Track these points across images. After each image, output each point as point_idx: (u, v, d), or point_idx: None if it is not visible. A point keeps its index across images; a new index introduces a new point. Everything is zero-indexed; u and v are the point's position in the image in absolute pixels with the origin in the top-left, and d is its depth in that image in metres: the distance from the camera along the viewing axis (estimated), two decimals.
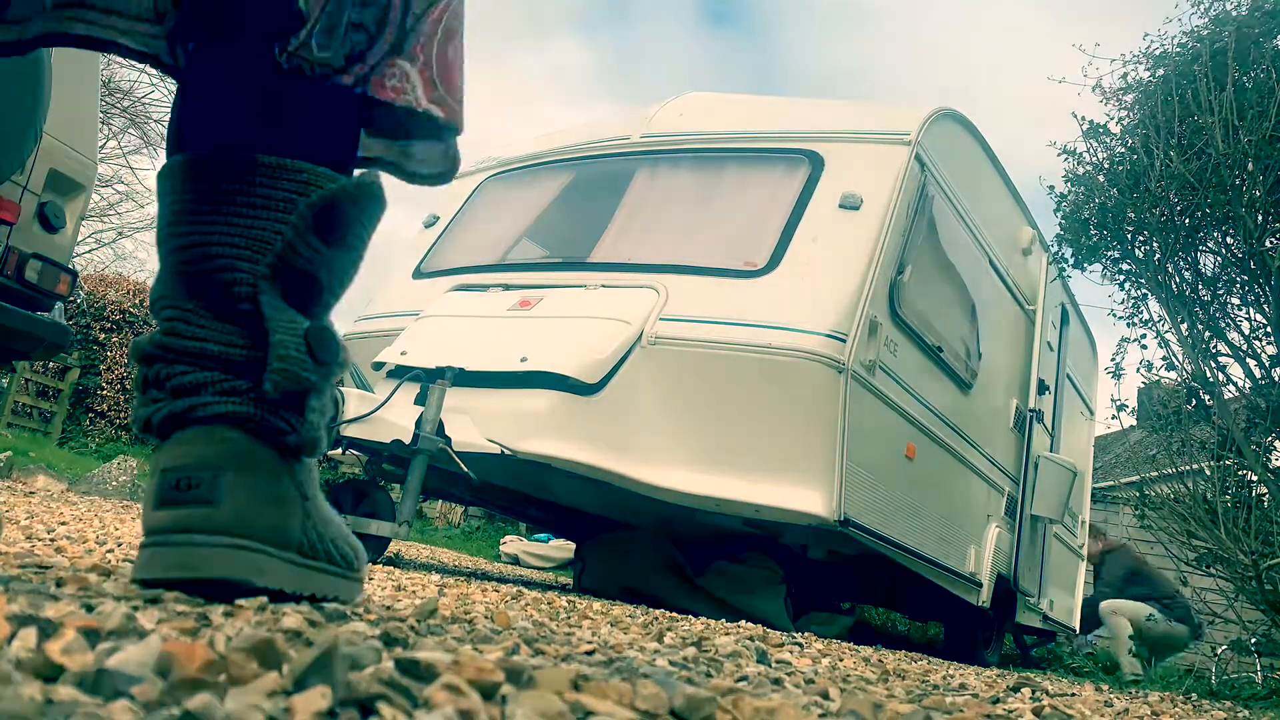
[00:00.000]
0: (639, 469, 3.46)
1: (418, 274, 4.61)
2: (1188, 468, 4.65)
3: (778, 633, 2.72)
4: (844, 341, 3.42)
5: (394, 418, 3.36)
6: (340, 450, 3.45)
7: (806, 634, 3.30)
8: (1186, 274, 4.37)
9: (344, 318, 4.44)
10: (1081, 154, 4.64)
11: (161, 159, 3.80)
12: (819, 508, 3.36)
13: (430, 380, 3.43)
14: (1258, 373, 4.28)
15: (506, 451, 3.36)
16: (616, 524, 4.44)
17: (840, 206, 3.72)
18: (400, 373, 3.73)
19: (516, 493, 4.27)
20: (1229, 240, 4.25)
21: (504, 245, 4.49)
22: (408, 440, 3.31)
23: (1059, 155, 4.73)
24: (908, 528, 3.97)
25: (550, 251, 4.35)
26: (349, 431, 3.26)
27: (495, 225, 4.66)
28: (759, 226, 3.82)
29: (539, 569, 8.21)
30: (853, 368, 3.42)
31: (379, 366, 3.90)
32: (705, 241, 3.76)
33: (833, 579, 4.77)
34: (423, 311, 4.14)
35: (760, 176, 4.08)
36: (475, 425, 3.47)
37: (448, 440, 3.37)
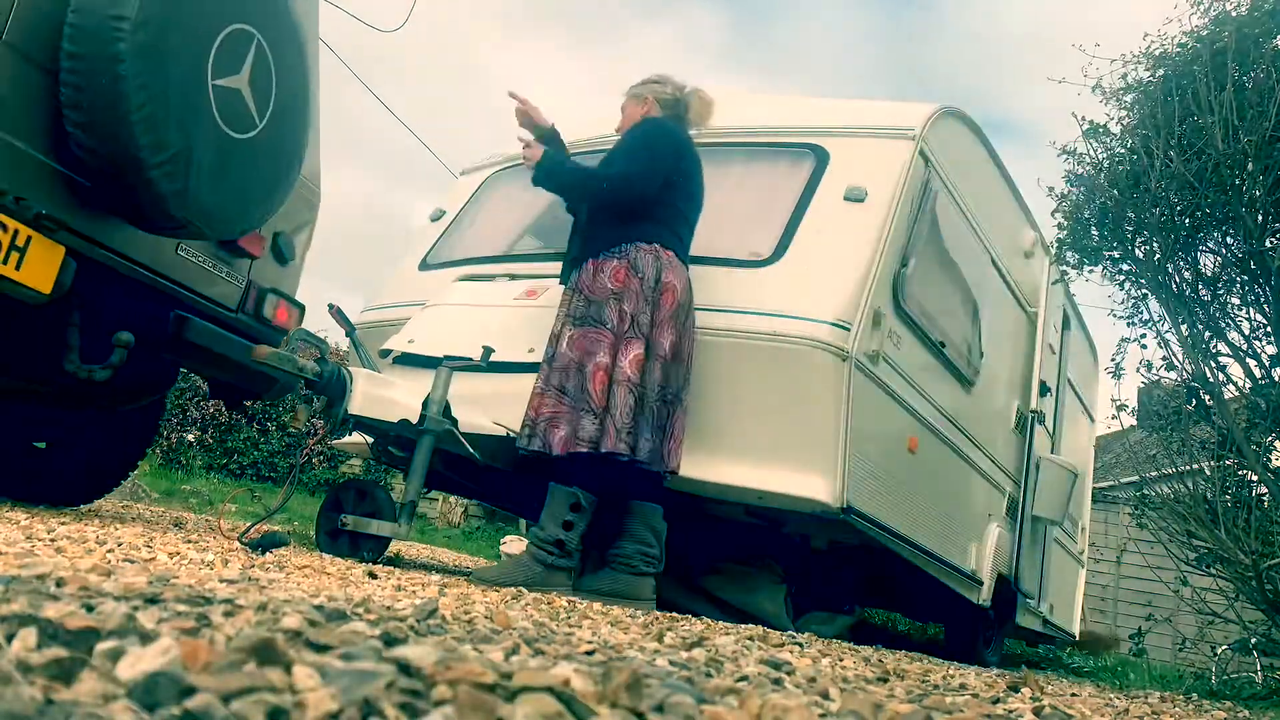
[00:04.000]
0: None
1: (424, 266, 4.63)
2: (1188, 468, 4.65)
3: (778, 633, 2.72)
4: (848, 330, 3.43)
5: (401, 398, 3.39)
6: (350, 428, 3.47)
7: (806, 634, 3.30)
8: (1186, 274, 4.37)
9: (353, 308, 4.45)
10: (1082, 154, 4.64)
11: None
12: (822, 494, 3.37)
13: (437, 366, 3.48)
14: (1258, 373, 4.28)
15: (512, 434, 3.39)
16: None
17: (845, 199, 3.73)
18: (407, 360, 3.78)
19: (519, 481, 4.27)
20: (1229, 240, 4.25)
21: (510, 237, 4.51)
22: (415, 420, 3.33)
23: (1059, 155, 4.72)
24: (909, 520, 3.97)
25: (556, 243, 4.35)
26: (355, 409, 3.28)
27: (501, 218, 4.67)
28: (764, 218, 3.83)
29: None
30: (856, 356, 3.43)
31: (386, 354, 3.93)
32: (710, 232, 3.76)
33: (833, 577, 4.77)
34: (429, 301, 4.16)
35: (765, 169, 4.09)
36: (482, 408, 3.51)
37: (454, 422, 3.40)
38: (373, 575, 2.52)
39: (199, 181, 2.75)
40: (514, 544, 9.15)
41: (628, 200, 3.38)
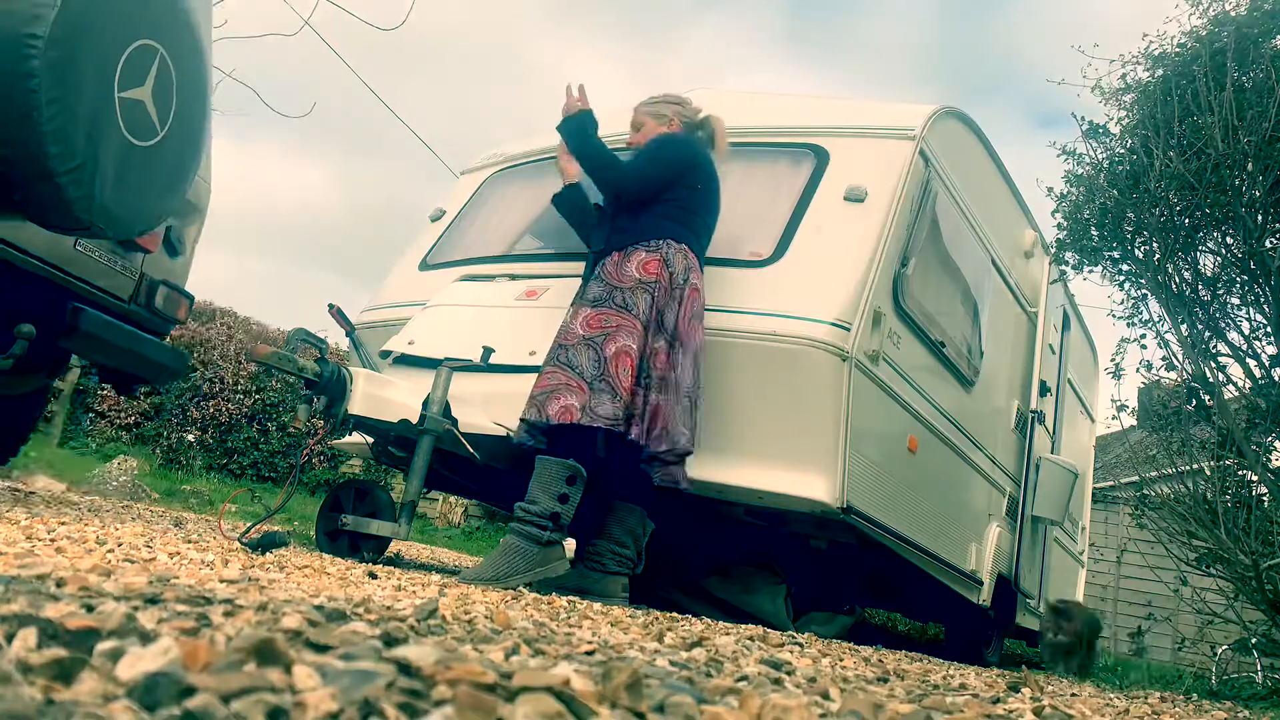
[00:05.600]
0: None
1: (424, 266, 4.63)
2: (1188, 468, 4.64)
3: (778, 633, 2.72)
4: (848, 330, 3.43)
5: (401, 398, 3.39)
6: (350, 428, 3.47)
7: (806, 634, 3.30)
8: (1186, 274, 4.37)
9: (353, 308, 4.46)
10: (1082, 154, 4.64)
11: None
12: (823, 494, 3.37)
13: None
14: (1258, 373, 4.28)
15: (512, 434, 3.39)
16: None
17: (845, 199, 3.73)
18: (407, 360, 3.78)
19: (519, 481, 4.28)
20: (1229, 240, 4.25)
21: (510, 237, 4.51)
22: (414, 420, 3.33)
23: (1059, 156, 4.73)
24: (909, 520, 3.97)
25: (556, 243, 4.36)
26: (355, 409, 3.28)
27: (501, 218, 4.67)
28: (764, 218, 3.83)
29: None
30: (856, 356, 3.43)
31: (386, 354, 3.92)
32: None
33: (834, 577, 4.77)
34: (429, 301, 4.16)
35: (765, 170, 4.09)
36: (482, 408, 3.51)
37: (454, 422, 3.39)
38: (373, 575, 2.52)
39: (103, 187, 2.90)
40: None
41: (626, 195, 3.41)
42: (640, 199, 3.40)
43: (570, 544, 3.33)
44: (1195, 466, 4.62)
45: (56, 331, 3.20)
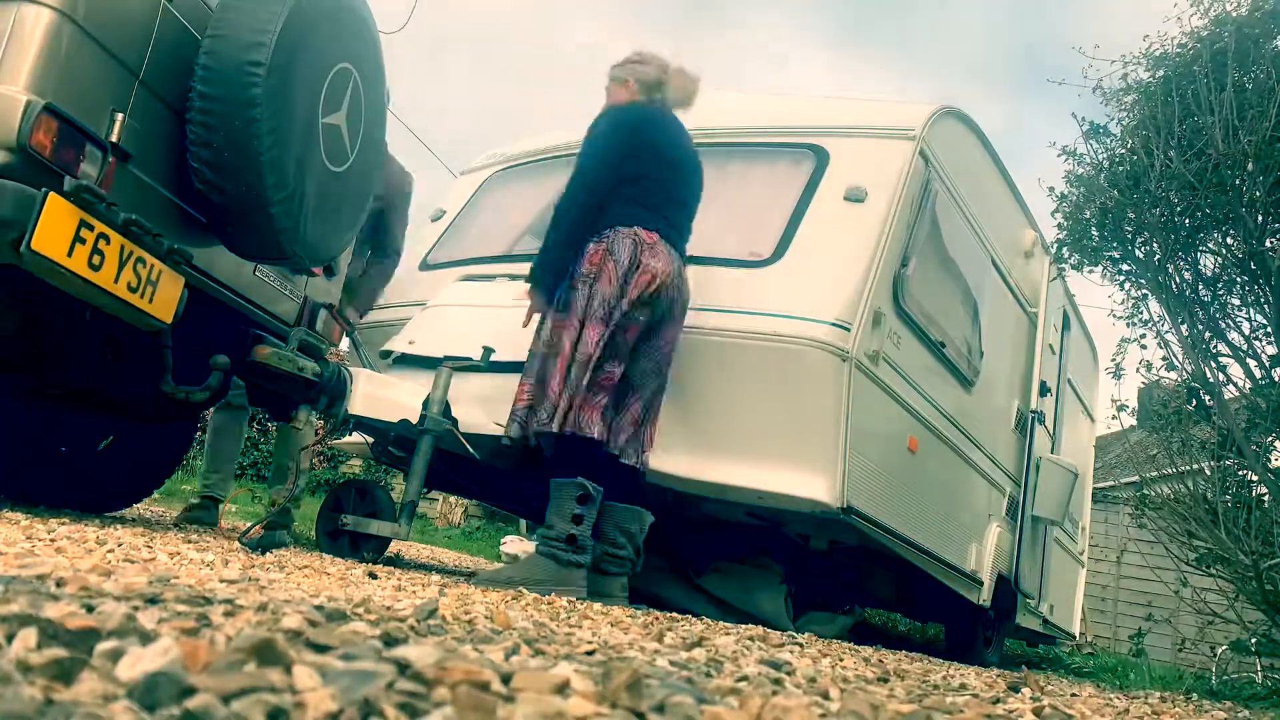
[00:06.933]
0: None
1: (424, 266, 4.63)
2: (1188, 468, 4.64)
3: (778, 633, 2.72)
4: (848, 330, 3.43)
5: (402, 398, 3.39)
6: (350, 428, 3.48)
7: (806, 634, 3.30)
8: (1187, 274, 4.37)
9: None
10: (1082, 155, 4.64)
11: None
12: (823, 494, 3.37)
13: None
14: (1258, 373, 4.28)
15: (504, 438, 3.39)
16: None
17: (845, 199, 3.73)
18: (408, 360, 3.79)
19: (520, 481, 4.28)
20: (1229, 240, 4.25)
21: (510, 237, 4.51)
22: (415, 420, 3.33)
23: (1059, 156, 4.73)
24: (909, 520, 3.97)
25: None
26: (356, 410, 3.28)
27: (502, 218, 4.67)
28: (764, 218, 3.83)
29: None
30: (856, 356, 3.43)
31: (387, 354, 3.93)
32: (710, 232, 3.76)
33: (834, 577, 4.77)
34: (430, 301, 4.16)
35: (765, 170, 4.09)
36: (482, 408, 3.51)
37: (454, 421, 3.40)
38: (373, 575, 2.52)
39: (306, 216, 2.87)
40: (514, 544, 9.15)
41: (586, 202, 3.30)
42: (600, 194, 3.28)
43: None
44: (1195, 466, 4.61)
45: (239, 361, 3.09)
